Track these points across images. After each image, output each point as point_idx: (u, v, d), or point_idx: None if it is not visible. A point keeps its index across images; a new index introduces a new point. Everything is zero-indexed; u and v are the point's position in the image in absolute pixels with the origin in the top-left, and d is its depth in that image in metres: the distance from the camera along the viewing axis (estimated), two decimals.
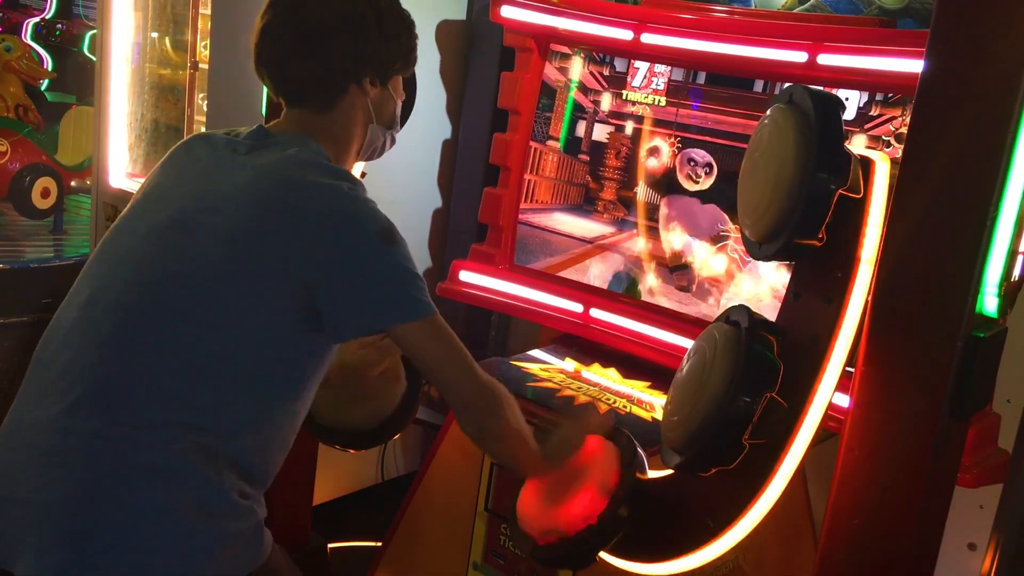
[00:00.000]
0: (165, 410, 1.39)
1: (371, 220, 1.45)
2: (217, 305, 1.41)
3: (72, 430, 1.38)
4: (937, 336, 1.32)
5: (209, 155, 1.55)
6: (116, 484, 1.37)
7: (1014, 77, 1.24)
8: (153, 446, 1.38)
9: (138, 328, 1.41)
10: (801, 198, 1.37)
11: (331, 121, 1.58)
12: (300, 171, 1.47)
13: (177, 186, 1.53)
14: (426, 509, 2.38)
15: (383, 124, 1.67)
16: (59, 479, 1.37)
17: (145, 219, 1.51)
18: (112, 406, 1.39)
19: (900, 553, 1.38)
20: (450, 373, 1.50)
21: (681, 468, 1.47)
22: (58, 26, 6.51)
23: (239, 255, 1.42)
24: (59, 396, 1.40)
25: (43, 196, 5.55)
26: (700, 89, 2.24)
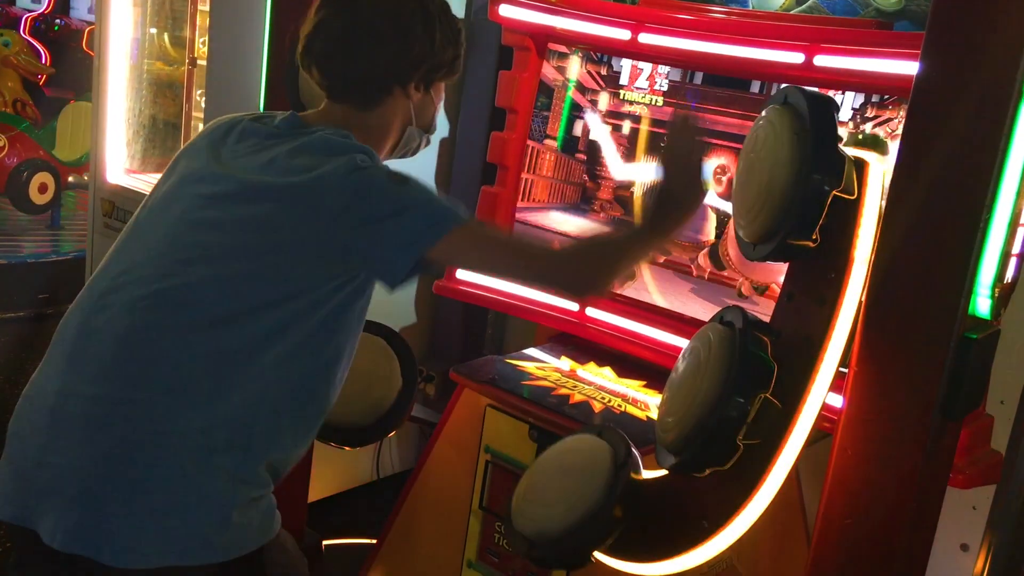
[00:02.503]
0: (189, 377, 1.42)
1: (378, 171, 1.50)
2: (241, 275, 1.45)
3: (99, 397, 1.42)
4: (930, 337, 1.32)
5: (243, 141, 1.58)
6: (139, 449, 1.40)
7: (1008, 80, 1.24)
8: (176, 412, 1.41)
9: (172, 301, 1.44)
10: (795, 199, 1.37)
11: (369, 119, 1.63)
12: (324, 149, 1.51)
13: (207, 169, 1.56)
14: (421, 507, 2.39)
15: (422, 127, 1.71)
16: (84, 443, 1.40)
17: (180, 201, 1.54)
18: (136, 373, 1.42)
19: (892, 553, 1.38)
20: (510, 267, 1.58)
21: (676, 468, 1.48)
22: (56, 21, 6.51)
23: (275, 225, 1.47)
24: (86, 364, 1.44)
25: (40, 191, 5.56)
26: (698, 89, 2.25)
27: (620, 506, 1.53)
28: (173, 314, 1.44)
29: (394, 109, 1.63)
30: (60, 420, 1.43)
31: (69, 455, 1.41)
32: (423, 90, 1.65)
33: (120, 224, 3.22)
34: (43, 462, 1.42)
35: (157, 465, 1.40)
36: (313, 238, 1.47)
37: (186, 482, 1.41)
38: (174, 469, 1.40)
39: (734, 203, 1.54)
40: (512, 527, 1.63)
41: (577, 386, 2.24)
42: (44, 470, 1.42)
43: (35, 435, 1.45)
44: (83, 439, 1.41)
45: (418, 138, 1.72)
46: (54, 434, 1.43)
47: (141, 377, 1.42)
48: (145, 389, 1.42)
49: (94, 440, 1.40)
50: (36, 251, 5.30)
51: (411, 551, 2.42)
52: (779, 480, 1.44)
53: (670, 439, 1.47)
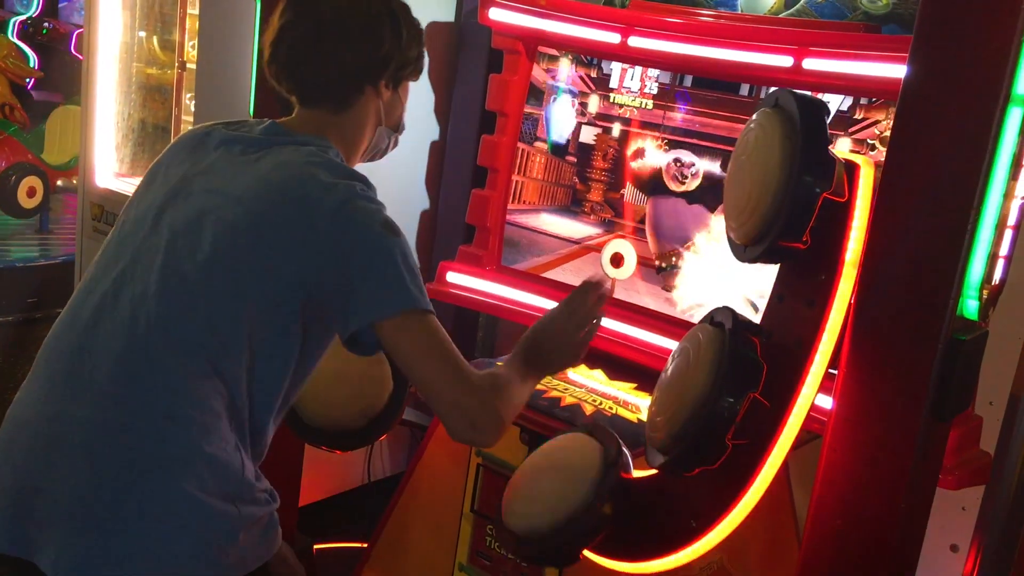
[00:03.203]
0: (188, 401, 1.40)
1: (374, 213, 1.47)
2: (231, 292, 1.43)
3: (98, 423, 1.39)
4: (919, 339, 1.33)
5: (226, 151, 1.55)
6: (141, 475, 1.38)
7: (995, 82, 1.26)
8: (178, 437, 1.39)
9: (158, 321, 1.42)
10: (786, 201, 1.38)
11: (344, 121, 1.61)
12: (316, 169, 1.48)
13: (193, 180, 1.53)
14: (412, 510, 2.39)
15: (391, 126, 1.71)
16: (84, 471, 1.37)
17: (165, 213, 1.51)
18: (135, 398, 1.40)
19: (882, 554, 1.39)
20: (439, 375, 1.44)
21: (665, 468, 1.48)
22: (45, 25, 6.48)
23: (257, 243, 1.44)
24: (80, 389, 1.41)
25: (29, 195, 5.53)
26: (688, 92, 2.25)
27: (610, 504, 1.54)
28: (165, 336, 1.42)
29: (366, 110, 1.62)
30: (58, 447, 1.39)
31: (69, 483, 1.37)
32: (392, 89, 1.65)
33: (109, 228, 3.21)
34: (41, 489, 1.39)
35: (160, 491, 1.38)
36: (295, 260, 1.44)
37: (189, 506, 1.39)
38: (177, 494, 1.38)
39: (725, 205, 1.55)
40: (502, 524, 1.63)
41: (568, 389, 2.24)
42: (42, 498, 1.38)
43: (30, 461, 1.41)
44: (83, 467, 1.37)
45: (387, 139, 1.72)
46: (52, 461, 1.39)
47: (140, 402, 1.40)
48: (144, 415, 1.40)
49: (95, 468, 1.37)
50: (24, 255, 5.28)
51: (402, 554, 2.41)
52: (768, 480, 1.45)
53: (660, 438, 1.48)
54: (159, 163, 1.63)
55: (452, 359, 1.44)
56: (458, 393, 1.43)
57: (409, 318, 1.43)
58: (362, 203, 1.46)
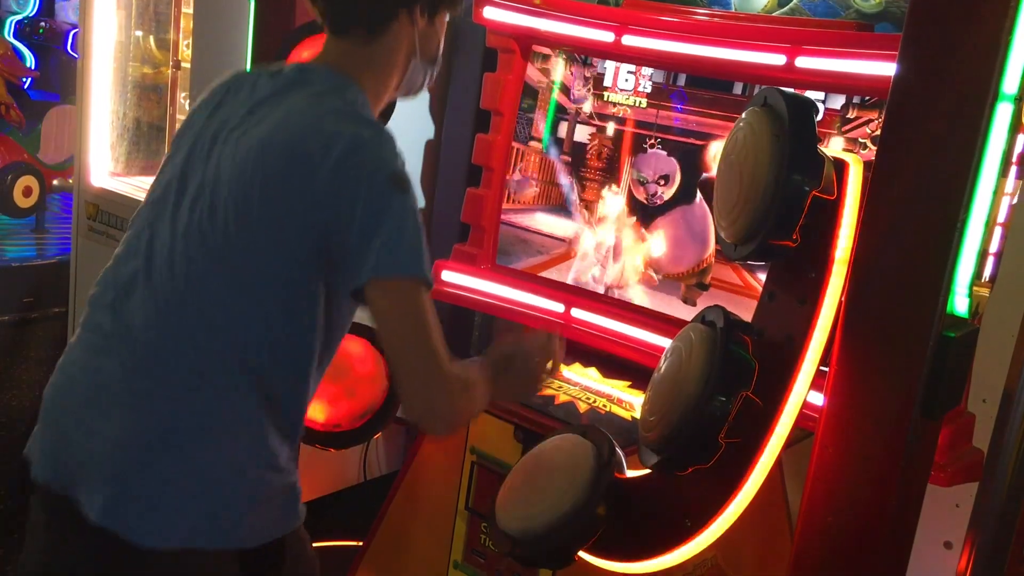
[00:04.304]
0: (212, 369, 1.44)
1: (382, 163, 1.41)
2: (251, 249, 1.43)
3: (130, 382, 1.44)
4: (909, 336, 1.33)
5: (243, 104, 1.54)
6: (168, 437, 1.43)
7: (984, 80, 1.26)
8: (209, 403, 1.43)
9: (192, 282, 1.44)
10: (775, 199, 1.38)
11: (375, 50, 1.55)
12: (322, 119, 1.44)
13: (212, 139, 1.52)
14: (407, 508, 2.39)
15: (426, 60, 1.63)
16: (126, 423, 1.43)
17: (192, 176, 1.51)
18: (163, 365, 1.44)
19: (873, 550, 1.40)
20: (415, 349, 1.39)
21: (658, 467, 1.49)
22: (41, 24, 6.48)
23: (267, 203, 1.42)
24: (118, 347, 1.46)
25: (25, 195, 5.53)
26: (682, 91, 2.26)
27: (604, 505, 1.54)
28: (189, 305, 1.44)
29: (399, 38, 1.55)
30: (97, 402, 1.45)
31: (111, 432, 1.43)
32: (427, 18, 1.58)
33: (104, 227, 3.21)
34: (85, 433, 1.45)
35: (196, 448, 1.43)
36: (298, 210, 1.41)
37: (221, 465, 1.44)
38: (211, 452, 1.44)
39: (715, 204, 1.56)
40: (496, 526, 1.64)
41: (562, 387, 2.24)
42: (85, 442, 1.45)
43: (77, 408, 1.48)
44: (125, 419, 1.43)
45: (423, 73, 1.64)
46: (96, 411, 1.45)
47: (167, 369, 1.44)
48: (171, 382, 1.44)
49: (136, 421, 1.43)
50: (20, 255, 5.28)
51: (397, 553, 2.42)
52: (761, 478, 1.45)
53: (653, 438, 1.48)
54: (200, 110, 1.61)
55: (432, 339, 1.38)
56: (429, 375, 1.39)
57: (400, 284, 1.38)
58: (367, 153, 1.40)
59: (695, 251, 2.22)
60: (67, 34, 6.30)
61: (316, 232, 1.41)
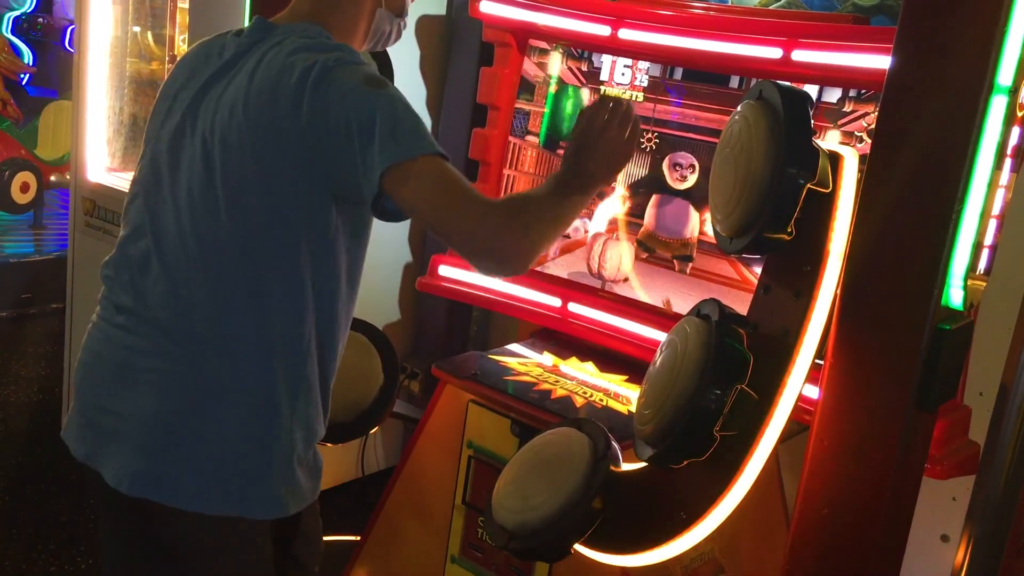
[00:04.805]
0: (241, 330, 1.46)
1: (353, 73, 1.42)
2: (259, 198, 1.44)
3: (157, 352, 1.46)
4: (904, 328, 1.33)
5: (217, 64, 1.55)
6: (204, 402, 1.45)
7: (979, 72, 1.26)
8: (236, 370, 1.46)
9: (205, 255, 1.46)
10: (770, 193, 1.38)
11: (341, 1, 1.57)
12: (293, 58, 1.45)
13: (195, 103, 1.53)
14: (404, 503, 2.39)
15: (392, 10, 1.65)
16: (145, 395, 1.46)
17: (180, 149, 1.52)
18: (186, 336, 1.46)
19: (868, 543, 1.40)
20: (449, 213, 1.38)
21: (653, 460, 1.49)
22: (39, 20, 6.47)
23: (260, 155, 1.43)
24: (138, 324, 1.48)
25: (22, 191, 5.53)
26: (683, 85, 2.26)
27: (599, 498, 1.54)
28: (209, 263, 1.46)
29: None
30: (122, 375, 1.48)
31: (133, 405, 1.46)
32: None
33: (101, 223, 3.21)
34: (108, 409, 1.48)
35: (222, 416, 1.46)
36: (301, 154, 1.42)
37: (248, 433, 1.47)
38: (237, 420, 1.46)
39: (711, 198, 1.55)
40: (492, 519, 1.64)
41: (559, 381, 2.24)
42: (109, 417, 1.48)
43: (100, 383, 1.51)
44: (147, 392, 1.46)
45: (390, 23, 1.66)
46: (123, 386, 1.48)
47: (198, 332, 1.46)
48: (204, 342, 1.46)
49: (159, 394, 1.46)
50: (18, 251, 5.28)
51: (395, 547, 2.42)
52: (756, 471, 1.45)
53: (648, 431, 1.48)
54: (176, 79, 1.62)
55: (463, 194, 1.37)
56: (471, 224, 1.36)
57: (413, 167, 1.36)
58: (339, 71, 1.41)
59: (682, 230, 2.26)
60: (65, 30, 6.29)
61: (317, 164, 1.41)
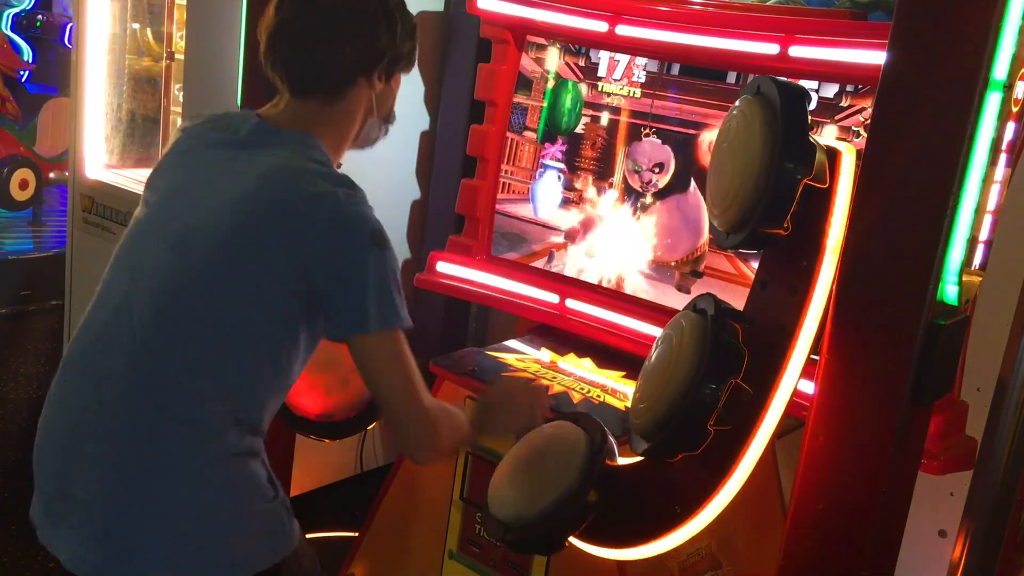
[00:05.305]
0: (196, 408, 1.47)
1: (364, 225, 1.49)
2: (231, 299, 1.47)
3: (108, 434, 1.47)
4: (899, 324, 1.33)
5: (214, 157, 1.59)
6: (152, 485, 1.46)
7: (974, 68, 1.26)
8: (189, 448, 1.46)
9: (165, 334, 1.47)
10: (767, 188, 1.38)
11: (335, 112, 1.62)
12: (303, 176, 1.51)
13: (186, 190, 1.57)
14: (402, 499, 2.40)
15: (382, 117, 1.72)
16: (97, 482, 1.46)
17: (165, 225, 1.55)
18: (147, 410, 1.46)
19: (864, 537, 1.40)
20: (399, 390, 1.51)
21: (648, 454, 1.49)
22: (38, 17, 6.47)
23: (249, 255, 1.47)
24: (94, 400, 1.48)
25: (21, 188, 5.53)
26: (676, 80, 2.26)
27: (595, 491, 1.54)
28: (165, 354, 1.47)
29: (358, 101, 1.64)
30: (77, 458, 1.49)
31: (84, 492, 1.47)
32: (384, 80, 1.66)
33: (99, 220, 3.21)
34: (63, 494, 1.50)
35: (168, 501, 1.46)
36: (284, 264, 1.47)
37: (195, 513, 1.47)
38: (184, 502, 1.46)
39: (708, 192, 1.56)
40: (489, 513, 1.64)
41: (557, 377, 2.24)
42: (63, 503, 1.50)
43: (56, 465, 1.52)
44: (97, 479, 1.46)
45: (378, 129, 1.74)
46: (71, 470, 1.49)
47: (147, 420, 1.46)
48: (150, 432, 1.46)
49: (107, 481, 1.46)
50: (17, 248, 5.28)
51: (393, 543, 2.42)
52: (750, 466, 1.46)
53: (643, 425, 1.49)
54: (163, 167, 1.66)
55: (412, 380, 1.52)
56: (411, 413, 1.53)
57: (380, 337, 1.49)
58: (351, 212, 1.49)
59: (689, 239, 2.23)
60: (64, 27, 6.28)
61: (300, 284, 1.47)
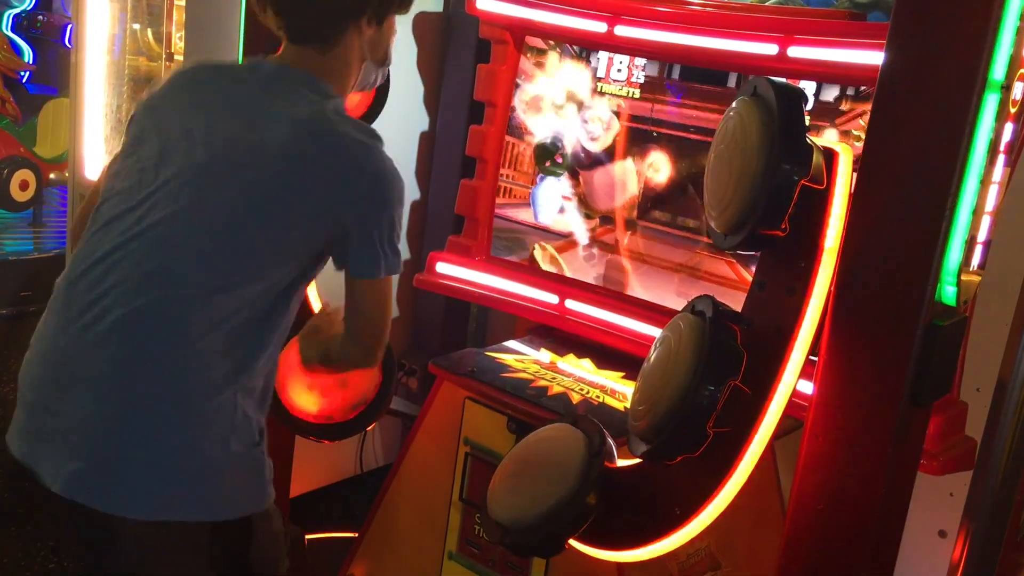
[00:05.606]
0: (193, 333, 1.50)
1: (396, 182, 1.62)
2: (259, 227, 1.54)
3: (105, 356, 1.49)
4: (898, 325, 1.33)
5: (230, 91, 1.64)
6: (144, 412, 1.48)
7: (972, 68, 1.26)
8: (185, 377, 1.50)
9: (178, 260, 1.51)
10: (764, 189, 1.38)
11: (331, 57, 1.67)
12: (338, 127, 1.59)
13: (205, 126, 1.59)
14: (402, 500, 2.40)
15: (376, 61, 1.76)
16: (87, 403, 1.49)
17: (179, 158, 1.56)
18: (147, 334, 1.49)
19: (863, 538, 1.40)
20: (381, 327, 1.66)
21: (647, 456, 1.49)
22: (39, 18, 6.46)
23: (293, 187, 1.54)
24: (94, 320, 1.50)
25: (22, 188, 5.53)
26: (676, 82, 2.25)
27: (594, 494, 1.54)
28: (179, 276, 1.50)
29: (351, 46, 1.68)
30: (67, 376, 1.51)
31: (73, 411, 1.49)
32: (376, 24, 1.69)
33: None
34: (51, 410, 1.52)
35: (164, 423, 1.49)
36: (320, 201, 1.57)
37: (180, 448, 1.50)
38: (170, 436, 1.49)
39: (706, 194, 1.55)
40: (487, 515, 1.64)
41: (556, 378, 2.24)
42: (51, 418, 1.51)
43: (46, 383, 1.54)
44: (87, 400, 1.49)
45: (375, 72, 1.78)
46: (61, 388, 1.51)
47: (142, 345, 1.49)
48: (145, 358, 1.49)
49: (96, 402, 1.48)
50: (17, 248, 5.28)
51: (392, 544, 2.42)
52: (750, 467, 1.45)
53: (642, 427, 1.49)
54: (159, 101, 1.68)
55: (389, 319, 1.69)
56: (379, 346, 1.68)
57: (382, 282, 1.63)
58: (389, 168, 1.61)
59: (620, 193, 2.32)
60: (65, 27, 6.27)
61: (330, 224, 1.57)
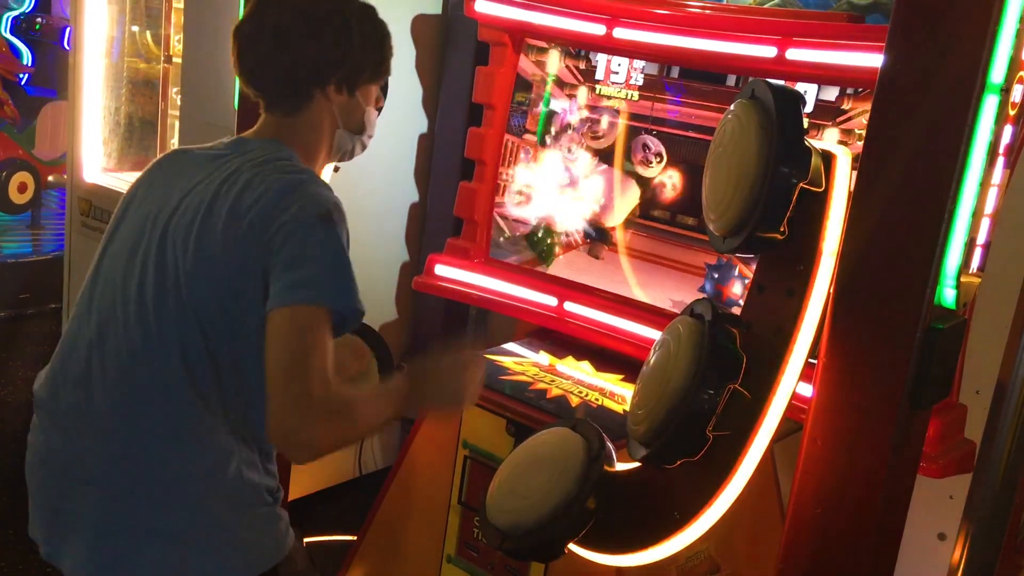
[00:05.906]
0: (188, 415, 1.48)
1: (313, 204, 1.46)
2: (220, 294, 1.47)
3: (98, 452, 1.49)
4: (897, 327, 1.33)
5: (193, 171, 1.58)
6: (142, 498, 1.48)
7: (972, 70, 1.25)
8: (175, 457, 1.48)
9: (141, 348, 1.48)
10: (763, 192, 1.37)
11: (299, 124, 1.62)
12: (259, 173, 1.51)
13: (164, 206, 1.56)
14: (401, 503, 2.39)
15: (350, 130, 1.68)
16: (91, 496, 1.49)
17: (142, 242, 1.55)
18: (130, 428, 1.48)
19: (862, 541, 1.40)
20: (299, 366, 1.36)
21: (646, 460, 1.49)
22: (38, 20, 6.46)
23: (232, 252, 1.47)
24: (84, 421, 1.50)
25: (20, 191, 5.53)
26: (674, 83, 2.25)
27: (593, 498, 1.54)
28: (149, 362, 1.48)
29: (319, 113, 1.62)
30: (70, 475, 1.52)
31: (81, 506, 1.50)
32: (346, 93, 1.63)
33: (97, 223, 3.21)
34: (61, 510, 1.53)
35: (161, 510, 1.48)
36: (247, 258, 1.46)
37: (189, 519, 1.49)
38: (178, 510, 1.49)
39: (704, 197, 1.55)
40: (487, 520, 1.63)
41: (555, 381, 2.24)
42: (62, 516, 1.53)
43: (50, 483, 1.55)
44: (91, 492, 1.49)
45: (350, 141, 1.70)
46: (64, 487, 1.52)
47: (135, 430, 1.48)
48: (140, 441, 1.48)
49: (101, 494, 1.49)
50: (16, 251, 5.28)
51: (391, 547, 2.42)
52: (750, 470, 1.45)
53: (641, 431, 1.48)
54: (139, 185, 1.67)
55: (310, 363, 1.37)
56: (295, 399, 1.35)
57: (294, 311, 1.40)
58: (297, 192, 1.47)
59: None
60: (64, 30, 6.27)
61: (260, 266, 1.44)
